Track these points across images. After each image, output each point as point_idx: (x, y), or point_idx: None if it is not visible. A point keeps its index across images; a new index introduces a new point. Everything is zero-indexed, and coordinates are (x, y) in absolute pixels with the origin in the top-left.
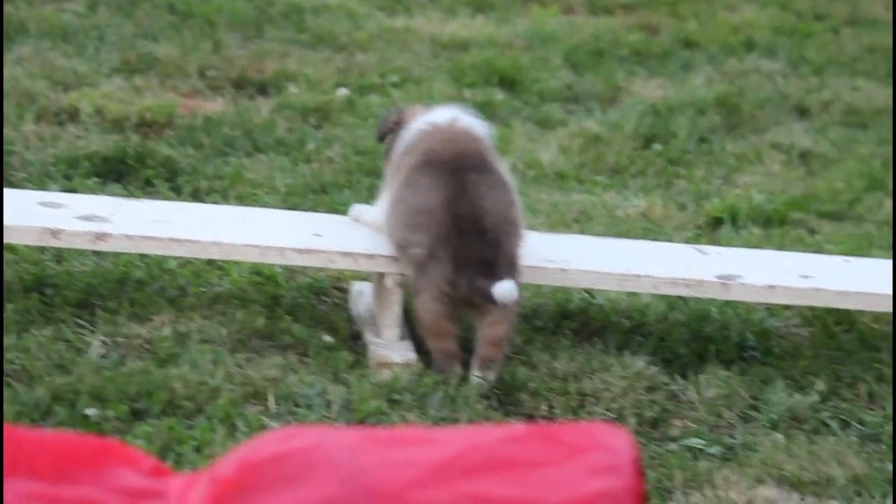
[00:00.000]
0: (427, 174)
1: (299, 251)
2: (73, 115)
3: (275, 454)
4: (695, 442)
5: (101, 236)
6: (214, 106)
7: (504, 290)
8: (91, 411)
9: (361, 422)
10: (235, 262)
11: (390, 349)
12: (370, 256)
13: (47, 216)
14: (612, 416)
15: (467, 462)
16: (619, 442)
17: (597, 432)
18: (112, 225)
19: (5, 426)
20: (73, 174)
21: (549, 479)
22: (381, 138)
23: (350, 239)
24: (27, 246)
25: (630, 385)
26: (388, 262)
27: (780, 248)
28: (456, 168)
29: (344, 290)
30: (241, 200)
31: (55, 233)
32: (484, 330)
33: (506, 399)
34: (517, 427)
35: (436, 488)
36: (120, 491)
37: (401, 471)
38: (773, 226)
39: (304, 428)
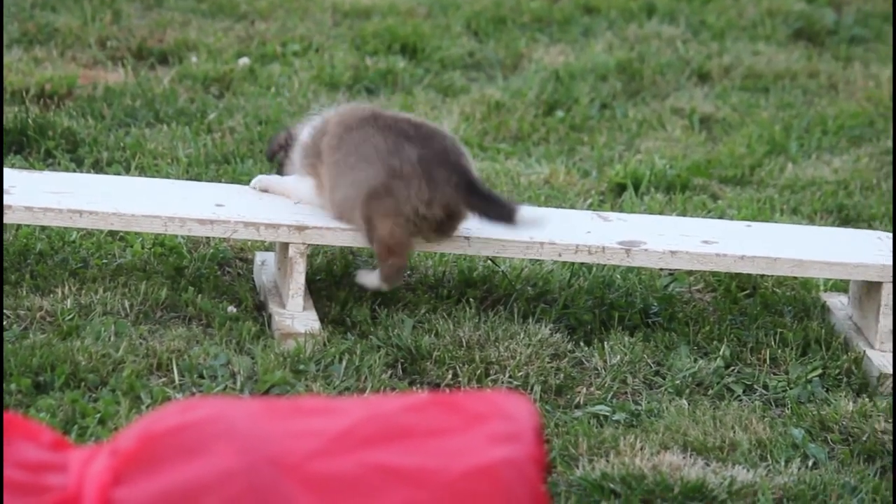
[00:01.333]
0: (360, 130)
1: (201, 222)
2: None
3: (176, 425)
4: (600, 409)
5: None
6: (115, 77)
7: (531, 215)
8: None
9: (266, 392)
10: (138, 234)
11: (294, 319)
12: (273, 226)
13: None
14: (517, 384)
15: (368, 431)
16: (520, 409)
17: (497, 400)
18: (12, 197)
19: None
20: None
21: (449, 448)
22: (272, 157)
23: (252, 209)
24: None
25: (535, 353)
26: (290, 231)
27: (683, 213)
28: (385, 121)
29: (247, 261)
30: (143, 171)
31: None
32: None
33: (410, 368)
34: (418, 396)
35: (337, 458)
36: (20, 465)
37: (302, 441)
38: (676, 191)
39: (205, 399)
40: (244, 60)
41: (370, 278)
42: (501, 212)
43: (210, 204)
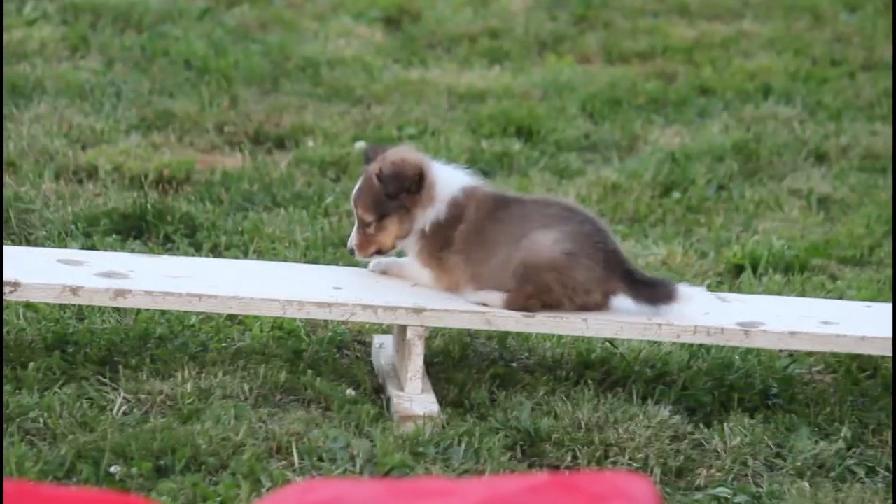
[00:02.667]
0: (514, 206)
1: (320, 305)
2: (92, 172)
3: None
4: (721, 491)
5: (121, 293)
6: (232, 161)
7: (690, 294)
8: (115, 469)
9: (386, 475)
10: (256, 317)
11: (413, 402)
12: (391, 309)
13: (67, 274)
14: (636, 465)
15: None
16: (640, 490)
17: (618, 481)
18: (132, 281)
19: (31, 484)
20: (93, 231)
21: None
22: (395, 195)
23: (370, 292)
24: (48, 304)
25: (654, 434)
26: (408, 314)
27: (802, 294)
28: (538, 204)
29: (365, 344)
30: (261, 255)
31: (75, 290)
32: None
33: (529, 450)
34: (537, 476)
35: None
36: None
37: None
38: (794, 272)
39: (325, 481)
40: (360, 144)
41: (492, 298)
42: (665, 292)
43: (328, 287)
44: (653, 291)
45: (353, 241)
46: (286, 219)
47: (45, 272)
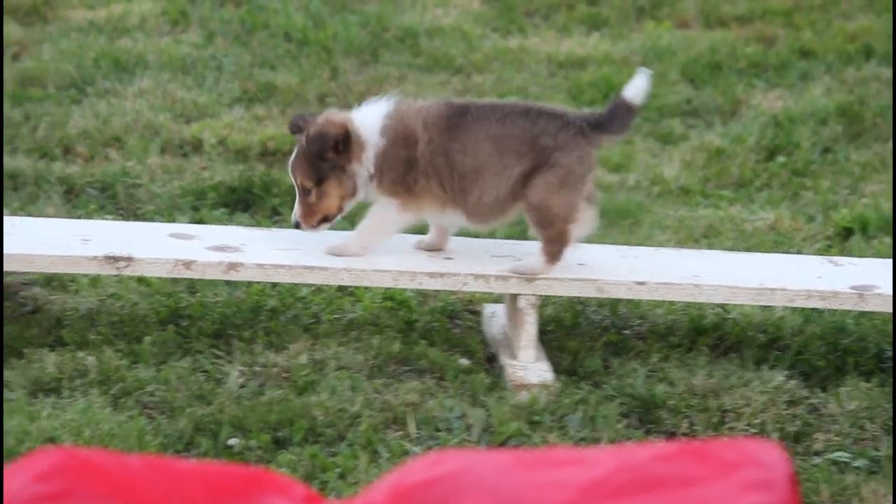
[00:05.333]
0: (470, 127)
1: (431, 275)
2: (197, 146)
3: (426, 479)
4: (839, 455)
5: (233, 266)
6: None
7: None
8: (234, 441)
9: (502, 444)
10: (367, 288)
11: (527, 370)
12: (503, 278)
13: (179, 248)
14: (753, 431)
15: (619, 482)
16: (772, 457)
17: (749, 448)
18: (244, 255)
19: (159, 458)
20: (201, 205)
21: (702, 497)
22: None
23: (481, 261)
24: (160, 278)
25: (770, 400)
26: (520, 283)
27: None
28: (485, 110)
29: (476, 313)
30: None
31: (188, 264)
32: None
33: (645, 417)
34: (667, 444)
35: None
36: None
37: (552, 492)
38: None
39: (452, 452)
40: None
41: (531, 265)
42: (622, 108)
43: (439, 257)
44: (619, 117)
45: (296, 213)
46: None
47: (157, 246)
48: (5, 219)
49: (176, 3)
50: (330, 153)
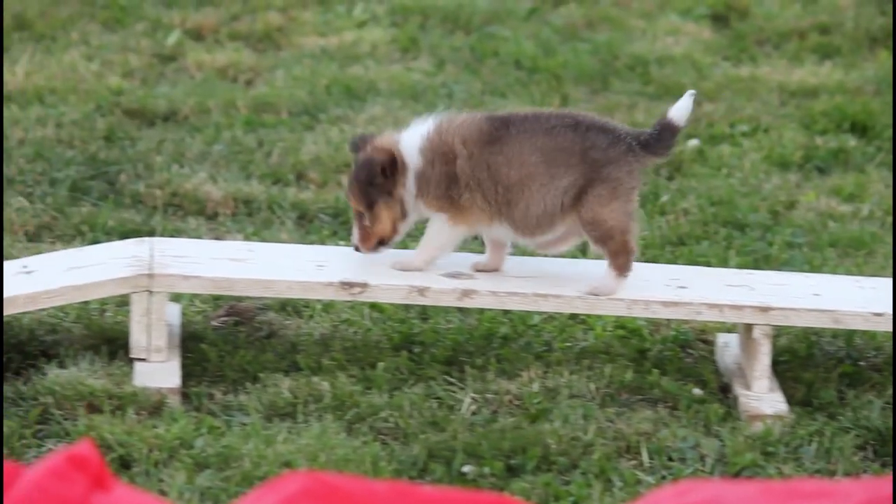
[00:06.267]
0: (515, 138)
1: (665, 304)
2: None
3: None
4: None
5: (467, 293)
6: None
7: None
8: (467, 468)
9: (736, 475)
10: (598, 317)
11: (761, 401)
12: (737, 308)
13: (413, 274)
14: None
15: None
16: None
17: None
18: (477, 282)
19: (403, 484)
20: None
21: None
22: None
23: (715, 291)
24: (393, 304)
25: None
26: (754, 312)
27: None
28: (531, 122)
29: (709, 342)
30: (599, 255)
31: (422, 291)
32: None
33: (881, 450)
34: None
35: None
36: None
37: None
38: None
39: (698, 482)
40: (694, 142)
41: (606, 283)
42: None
43: (673, 286)
44: (665, 135)
45: (354, 237)
46: None
47: (391, 273)
48: (241, 243)
49: (406, 30)
50: (377, 179)
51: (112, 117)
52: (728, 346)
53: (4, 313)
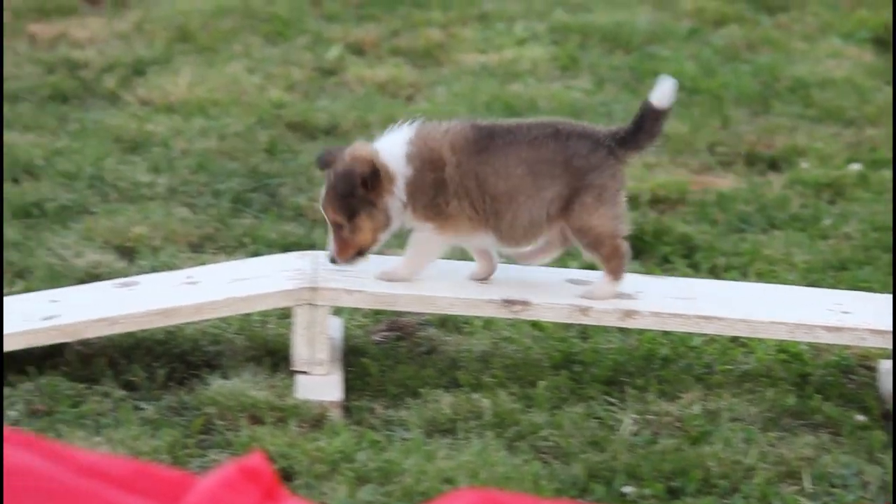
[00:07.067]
0: (500, 149)
1: (828, 328)
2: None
3: None
4: None
5: (629, 314)
6: (725, 182)
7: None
8: (628, 489)
9: None
10: (760, 340)
11: None
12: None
13: (575, 293)
14: None
15: None
16: None
17: None
18: (639, 302)
19: (567, 502)
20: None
21: None
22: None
23: (879, 317)
24: (554, 323)
25: None
26: None
27: None
28: (515, 133)
29: (871, 369)
30: (761, 277)
31: (585, 310)
32: None
33: None
34: None
35: None
36: None
37: None
38: None
39: None
40: (855, 166)
41: (601, 289)
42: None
43: (836, 311)
44: (647, 126)
45: (330, 248)
46: (783, 241)
47: (553, 291)
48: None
49: (566, 49)
50: (359, 190)
51: (274, 130)
52: (891, 373)
53: (170, 323)
